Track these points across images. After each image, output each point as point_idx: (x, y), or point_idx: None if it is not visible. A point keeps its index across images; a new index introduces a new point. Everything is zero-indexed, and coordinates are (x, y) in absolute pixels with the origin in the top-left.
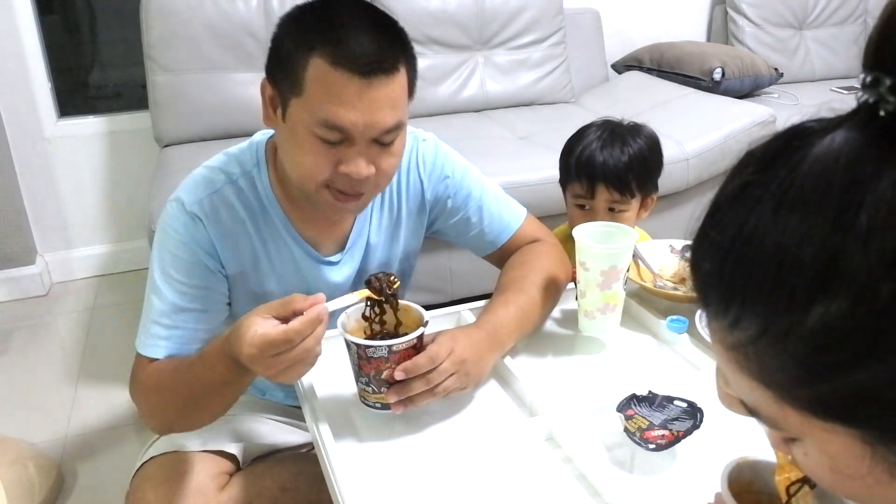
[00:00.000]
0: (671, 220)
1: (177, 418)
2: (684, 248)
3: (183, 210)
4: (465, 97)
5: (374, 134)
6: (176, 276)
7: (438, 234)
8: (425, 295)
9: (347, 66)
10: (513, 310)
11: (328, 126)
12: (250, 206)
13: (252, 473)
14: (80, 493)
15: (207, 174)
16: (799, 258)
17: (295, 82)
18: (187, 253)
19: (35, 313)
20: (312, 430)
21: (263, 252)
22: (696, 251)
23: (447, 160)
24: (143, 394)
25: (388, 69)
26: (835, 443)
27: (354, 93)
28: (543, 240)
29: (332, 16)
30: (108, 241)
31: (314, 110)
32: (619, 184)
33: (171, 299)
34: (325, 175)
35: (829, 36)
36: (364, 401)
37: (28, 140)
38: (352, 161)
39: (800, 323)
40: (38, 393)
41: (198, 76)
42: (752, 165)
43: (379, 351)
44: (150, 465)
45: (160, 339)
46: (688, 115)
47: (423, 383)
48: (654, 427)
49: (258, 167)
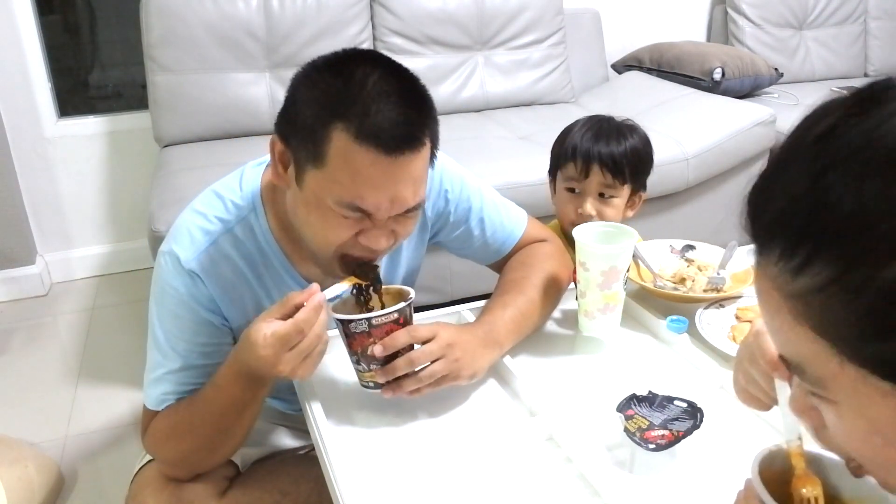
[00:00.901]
0: (671, 220)
1: (200, 458)
2: (684, 247)
3: (180, 267)
4: (465, 97)
5: (396, 212)
6: (180, 336)
7: (441, 246)
8: (425, 295)
9: (374, 142)
10: (511, 311)
11: (351, 207)
12: (249, 255)
13: (252, 478)
14: (80, 493)
15: (202, 225)
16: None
17: (315, 154)
18: (189, 312)
19: (35, 313)
20: (312, 430)
21: (267, 299)
22: (761, 191)
23: (445, 174)
24: (159, 444)
25: (415, 145)
26: (883, 406)
27: (380, 173)
28: (546, 240)
29: (356, 80)
30: (108, 241)
31: (337, 188)
32: (613, 166)
33: (178, 360)
34: (344, 245)
35: (829, 36)
36: (361, 382)
37: (28, 140)
38: (372, 236)
39: (879, 275)
40: (38, 393)
41: (198, 76)
42: (839, 110)
43: (360, 325)
44: (149, 470)
45: (169, 393)
46: (688, 115)
47: (406, 363)
48: (654, 427)
49: (255, 213)
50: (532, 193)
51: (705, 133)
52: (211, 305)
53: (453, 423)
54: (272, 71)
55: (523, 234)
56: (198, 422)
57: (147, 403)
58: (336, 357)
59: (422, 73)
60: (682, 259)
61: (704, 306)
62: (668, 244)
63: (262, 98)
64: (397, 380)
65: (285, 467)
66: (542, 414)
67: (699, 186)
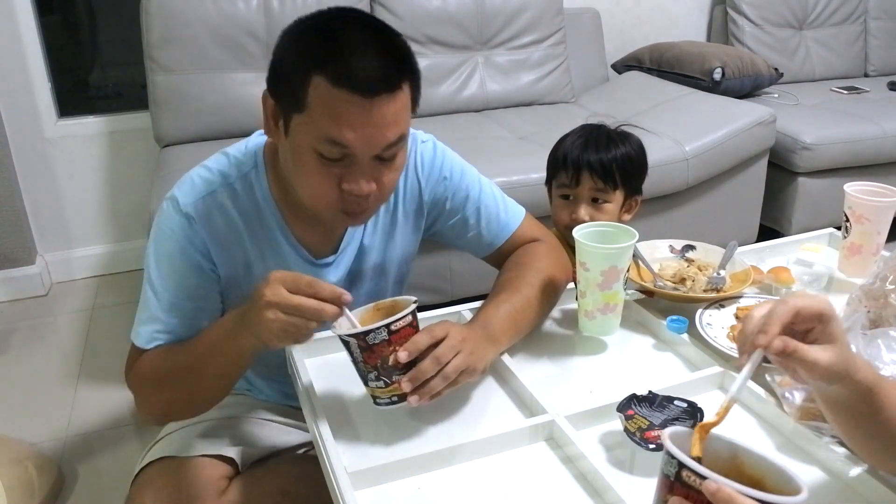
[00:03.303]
0: (671, 220)
1: (174, 402)
2: (684, 247)
3: (178, 209)
4: (465, 97)
5: (375, 151)
6: (172, 275)
7: (437, 237)
8: (425, 295)
9: (349, 86)
10: (505, 308)
11: (330, 143)
12: (245, 210)
13: (252, 477)
14: (80, 493)
15: (205, 175)
16: None
17: (296, 99)
18: (181, 253)
19: (35, 313)
20: (312, 430)
21: (258, 257)
22: None
23: (445, 161)
24: (139, 384)
25: (392, 89)
26: None
27: (356, 113)
28: (542, 240)
29: (333, 32)
30: (108, 241)
31: (316, 128)
32: (603, 172)
33: (168, 297)
34: (331, 197)
35: (829, 36)
36: (377, 401)
37: (28, 140)
38: (353, 179)
39: None
40: (38, 393)
41: (198, 76)
42: None
43: (379, 334)
44: (149, 471)
45: (157, 332)
46: (688, 115)
47: (433, 363)
48: (654, 427)
49: (256, 169)
50: (532, 193)
51: (705, 133)
52: (203, 249)
53: (453, 422)
54: None
55: (519, 229)
56: (179, 363)
57: (135, 341)
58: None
59: (422, 74)
60: (682, 259)
61: (704, 306)
62: (668, 244)
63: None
64: (423, 384)
65: (285, 467)
66: (542, 414)
67: (699, 186)
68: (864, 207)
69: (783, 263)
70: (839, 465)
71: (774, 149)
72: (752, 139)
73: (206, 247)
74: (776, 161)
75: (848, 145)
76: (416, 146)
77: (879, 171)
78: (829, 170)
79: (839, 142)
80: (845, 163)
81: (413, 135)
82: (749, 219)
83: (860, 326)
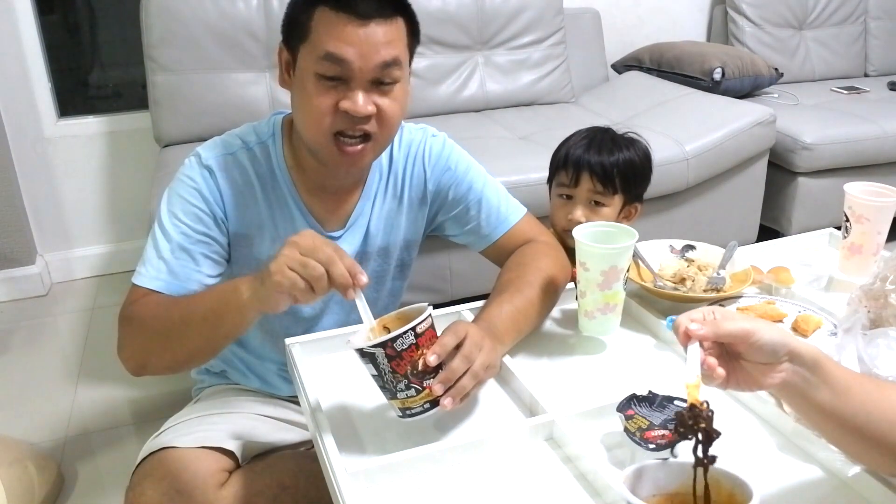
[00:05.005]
0: (671, 220)
1: (155, 352)
2: (684, 247)
3: (199, 162)
4: (465, 97)
5: (372, 69)
6: (183, 218)
7: (440, 230)
8: (425, 295)
9: (347, 10)
10: (507, 309)
11: (329, 59)
12: (261, 173)
13: (251, 471)
14: (80, 493)
15: (227, 138)
16: None
17: (302, 31)
18: (197, 199)
19: (35, 313)
20: (312, 429)
21: (269, 219)
22: None
23: (452, 154)
24: (129, 321)
25: (386, 16)
26: None
27: (353, 31)
28: (542, 239)
29: None
30: (108, 241)
31: (317, 49)
32: (602, 175)
33: (176, 239)
34: (327, 120)
35: (829, 36)
36: (408, 412)
37: (28, 140)
38: (351, 97)
39: None
40: (38, 393)
41: (198, 76)
42: None
43: (407, 339)
44: (150, 462)
45: (161, 272)
46: (688, 115)
47: (462, 361)
48: (654, 427)
49: (273, 137)
50: (532, 193)
51: (705, 133)
52: (217, 200)
53: (453, 422)
54: (272, 71)
55: (518, 225)
56: (175, 322)
57: (134, 280)
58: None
59: (422, 73)
60: (682, 259)
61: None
62: (668, 244)
63: (262, 98)
64: (453, 384)
65: (284, 462)
66: (542, 414)
67: (699, 186)
68: (864, 207)
69: (783, 263)
70: (839, 465)
71: (774, 149)
72: (752, 139)
73: (222, 199)
74: (776, 161)
75: (848, 145)
76: (426, 138)
77: (879, 171)
78: (829, 170)
79: (839, 142)
80: (845, 163)
81: (425, 128)
82: (749, 219)
83: (860, 326)
